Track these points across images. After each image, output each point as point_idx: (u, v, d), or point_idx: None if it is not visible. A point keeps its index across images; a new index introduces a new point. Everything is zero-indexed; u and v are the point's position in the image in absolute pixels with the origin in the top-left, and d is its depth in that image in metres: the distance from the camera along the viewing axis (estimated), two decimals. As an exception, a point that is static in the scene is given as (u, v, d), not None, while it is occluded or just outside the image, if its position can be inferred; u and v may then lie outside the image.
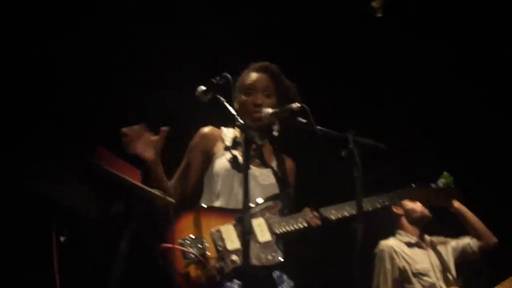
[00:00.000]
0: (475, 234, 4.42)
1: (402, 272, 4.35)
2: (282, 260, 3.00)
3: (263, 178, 3.19)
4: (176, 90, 4.30)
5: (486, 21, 5.14)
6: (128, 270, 2.81)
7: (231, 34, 4.84)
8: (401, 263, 4.37)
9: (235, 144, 2.97)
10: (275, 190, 3.20)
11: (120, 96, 4.67)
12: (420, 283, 4.32)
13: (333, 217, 3.11)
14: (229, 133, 3.24)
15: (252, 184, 2.84)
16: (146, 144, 2.98)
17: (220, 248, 2.94)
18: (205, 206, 3.14)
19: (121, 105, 4.58)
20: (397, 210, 4.54)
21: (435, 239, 4.57)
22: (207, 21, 4.85)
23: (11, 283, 4.16)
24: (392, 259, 4.39)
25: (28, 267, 4.10)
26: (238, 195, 3.03)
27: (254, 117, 3.15)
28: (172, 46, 4.76)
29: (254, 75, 3.27)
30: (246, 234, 2.56)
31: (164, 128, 3.02)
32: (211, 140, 3.25)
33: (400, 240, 4.50)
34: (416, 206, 4.42)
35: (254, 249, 2.92)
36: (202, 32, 4.84)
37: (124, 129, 2.96)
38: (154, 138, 3.01)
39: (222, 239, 2.96)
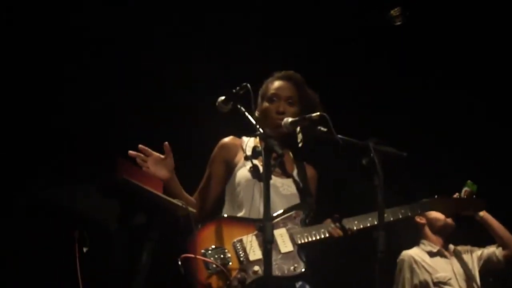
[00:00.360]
0: (501, 243, 4.37)
1: (423, 283, 4.33)
2: (304, 270, 2.98)
3: (284, 188, 3.19)
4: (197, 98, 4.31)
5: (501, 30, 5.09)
6: (150, 280, 2.82)
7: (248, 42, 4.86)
8: (422, 274, 4.35)
9: (255, 153, 2.96)
10: (297, 200, 3.19)
11: (134, 105, 4.68)
12: None
13: (355, 228, 3.09)
14: (250, 143, 3.24)
15: (273, 195, 2.83)
16: (157, 164, 3.01)
17: (242, 259, 2.93)
18: (226, 216, 3.14)
19: (136, 114, 4.60)
20: (420, 220, 4.52)
21: (460, 248, 4.53)
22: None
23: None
24: (412, 269, 4.38)
25: (51, 279, 4.12)
26: (259, 205, 3.02)
27: (276, 124, 3.15)
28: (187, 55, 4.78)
29: (278, 83, 3.29)
30: (267, 243, 2.54)
31: (166, 143, 3.04)
32: (232, 151, 3.25)
33: (422, 250, 4.48)
34: (439, 215, 4.39)
35: (276, 260, 2.92)
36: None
37: (131, 152, 2.98)
38: (163, 156, 3.03)
39: (244, 250, 2.95)
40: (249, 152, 3.12)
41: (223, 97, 2.89)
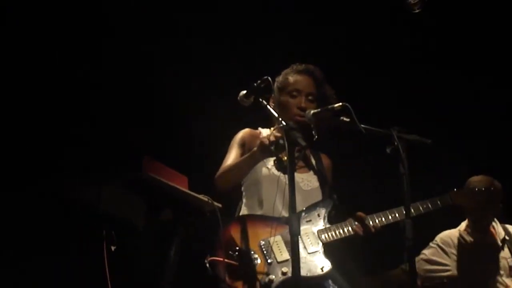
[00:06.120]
0: None
1: None
2: (331, 269, 2.97)
3: (304, 183, 3.18)
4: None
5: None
6: (178, 277, 2.83)
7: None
8: None
9: (279, 147, 2.92)
10: (317, 194, 3.18)
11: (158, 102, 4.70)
12: None
13: (379, 225, 3.08)
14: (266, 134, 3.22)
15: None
16: None
17: (270, 261, 2.92)
18: (249, 214, 3.12)
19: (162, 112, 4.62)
20: None
21: None
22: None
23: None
24: None
25: (80, 278, 4.15)
26: (282, 201, 3.02)
27: (295, 120, 3.11)
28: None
29: (299, 78, 3.26)
30: (294, 235, 2.51)
31: None
32: (253, 141, 3.17)
33: None
34: None
35: (304, 260, 2.91)
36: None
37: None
38: None
39: (272, 251, 2.94)
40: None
41: (244, 92, 2.88)
